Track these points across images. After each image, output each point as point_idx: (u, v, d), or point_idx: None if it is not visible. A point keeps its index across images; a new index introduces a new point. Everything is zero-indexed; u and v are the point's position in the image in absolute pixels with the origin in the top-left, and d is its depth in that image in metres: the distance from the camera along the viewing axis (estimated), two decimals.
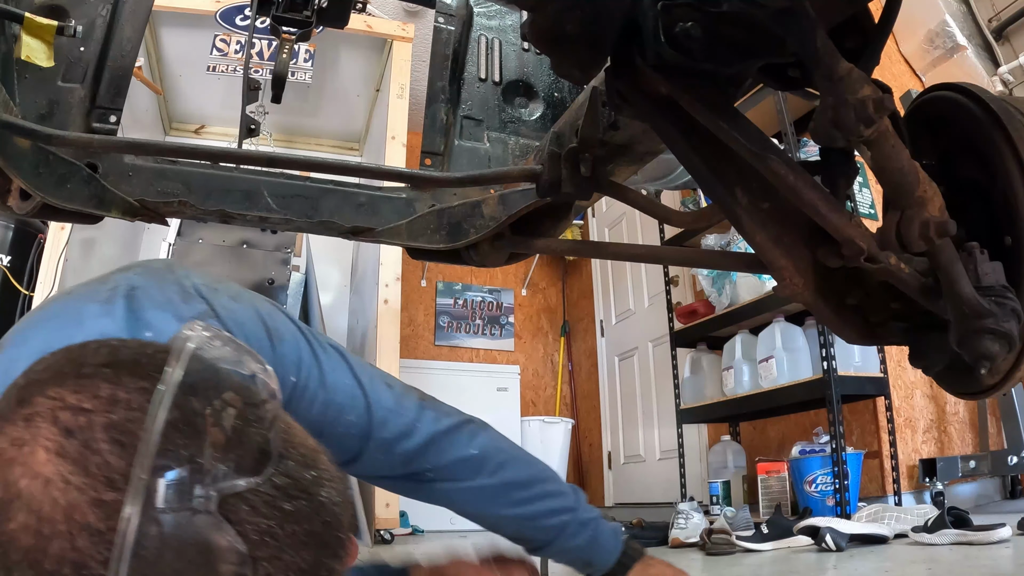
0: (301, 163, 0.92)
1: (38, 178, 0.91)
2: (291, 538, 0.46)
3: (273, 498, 0.46)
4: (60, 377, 0.46)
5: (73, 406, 0.45)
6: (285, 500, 0.46)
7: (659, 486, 4.34)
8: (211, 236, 2.72)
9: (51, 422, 0.44)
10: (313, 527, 0.48)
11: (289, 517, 0.46)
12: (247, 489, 0.45)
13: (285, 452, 0.48)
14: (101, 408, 0.44)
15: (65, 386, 0.46)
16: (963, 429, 3.26)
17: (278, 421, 0.49)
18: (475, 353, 5.47)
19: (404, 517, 3.77)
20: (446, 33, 1.21)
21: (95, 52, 0.96)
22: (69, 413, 0.44)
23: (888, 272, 0.69)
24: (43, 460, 0.43)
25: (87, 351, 0.49)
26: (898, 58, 3.66)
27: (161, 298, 0.69)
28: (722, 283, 3.41)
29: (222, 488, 0.44)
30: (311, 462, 0.50)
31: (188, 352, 0.47)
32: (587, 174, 0.93)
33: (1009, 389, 0.90)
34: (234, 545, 0.44)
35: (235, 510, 0.44)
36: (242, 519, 0.44)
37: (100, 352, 0.48)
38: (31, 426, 0.44)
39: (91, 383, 0.46)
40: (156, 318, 0.66)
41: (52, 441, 0.43)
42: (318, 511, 0.48)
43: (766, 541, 2.30)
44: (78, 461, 0.43)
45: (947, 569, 1.63)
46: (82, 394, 0.45)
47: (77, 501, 0.42)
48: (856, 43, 0.71)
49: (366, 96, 4.24)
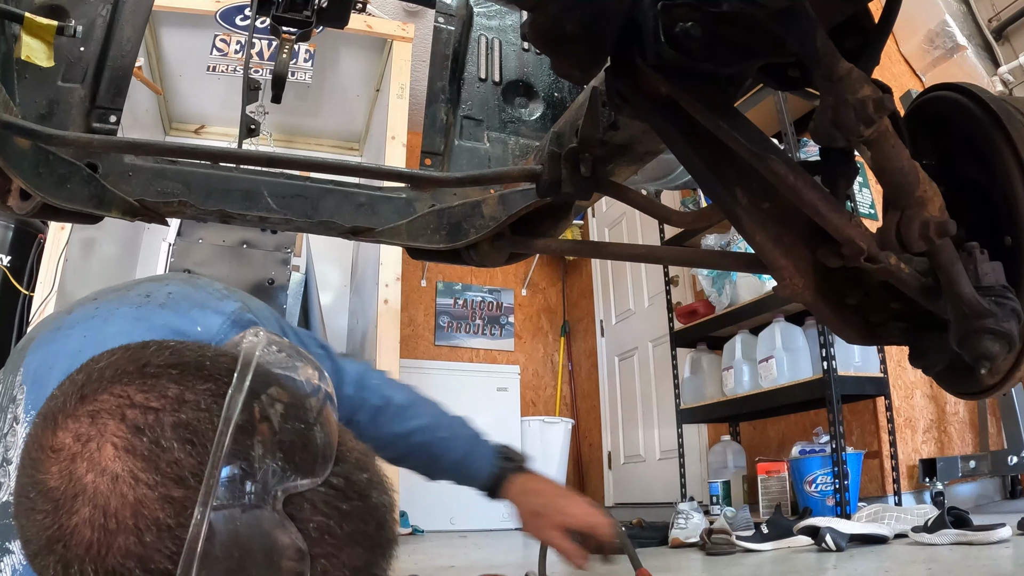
0: (301, 163, 0.92)
1: (38, 178, 0.91)
2: (347, 537, 0.48)
3: (332, 498, 0.48)
4: (124, 375, 0.47)
5: (141, 404, 0.45)
6: (342, 500, 0.49)
7: (659, 486, 4.34)
8: (211, 236, 2.72)
9: (119, 419, 0.45)
10: (367, 528, 0.50)
11: (346, 517, 0.49)
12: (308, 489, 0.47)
13: (342, 455, 0.50)
14: (169, 407, 0.45)
15: (131, 384, 0.46)
16: (963, 429, 3.26)
17: (335, 424, 0.51)
18: (475, 353, 5.47)
19: (404, 517, 3.77)
20: (446, 33, 1.21)
21: (95, 52, 0.96)
22: (138, 411, 0.45)
23: (888, 272, 0.69)
24: (111, 456, 0.44)
25: (148, 351, 0.49)
26: (898, 58, 3.66)
27: (200, 298, 0.74)
28: (722, 283, 3.41)
29: (287, 488, 0.46)
30: (365, 465, 0.52)
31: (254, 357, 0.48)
32: (587, 174, 0.93)
33: (1009, 389, 0.90)
34: (295, 542, 0.46)
35: (297, 508, 0.46)
36: (304, 517, 0.46)
37: (163, 353, 0.49)
38: (97, 422, 0.45)
39: (158, 383, 0.47)
40: (200, 316, 0.71)
41: (120, 438, 0.44)
42: (372, 512, 0.51)
43: (766, 541, 2.30)
44: (148, 458, 0.44)
45: (947, 569, 1.63)
46: (150, 393, 0.46)
47: (146, 497, 0.43)
48: (856, 43, 0.71)
49: (366, 96, 4.24)
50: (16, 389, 0.67)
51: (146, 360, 0.48)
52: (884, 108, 0.58)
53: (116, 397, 0.46)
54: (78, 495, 0.43)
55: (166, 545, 0.43)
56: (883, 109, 0.58)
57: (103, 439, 0.44)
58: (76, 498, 0.43)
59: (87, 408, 0.46)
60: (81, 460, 0.44)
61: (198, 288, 0.77)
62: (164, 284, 0.77)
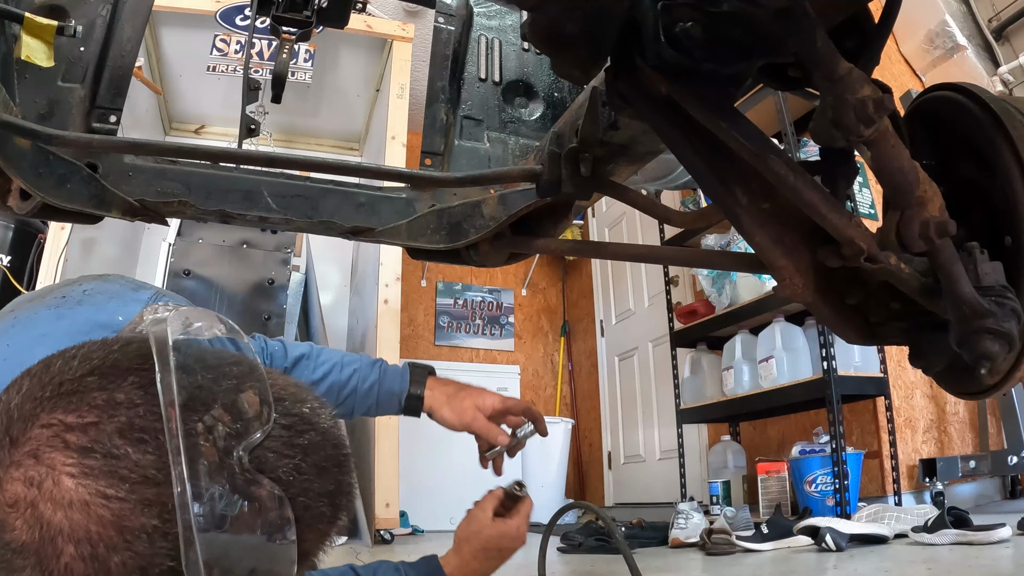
0: (301, 163, 0.92)
1: (38, 178, 0.90)
2: (314, 468, 0.50)
3: (288, 438, 0.49)
4: (44, 402, 0.45)
5: (76, 424, 0.44)
6: (297, 436, 0.50)
7: (659, 486, 4.34)
8: (211, 236, 2.72)
9: (62, 448, 0.43)
10: (327, 451, 0.51)
11: (306, 450, 0.50)
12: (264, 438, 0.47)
13: (278, 395, 0.50)
14: (106, 416, 0.44)
15: (56, 409, 0.45)
16: (963, 429, 3.26)
17: (259, 368, 0.51)
18: (475, 353, 5.47)
19: (404, 517, 3.77)
20: (446, 33, 1.21)
21: (95, 52, 0.96)
22: (76, 433, 0.44)
23: (888, 272, 0.69)
24: (72, 486, 0.43)
25: (54, 369, 0.47)
26: (898, 58, 3.66)
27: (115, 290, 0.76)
28: (722, 283, 3.41)
29: (247, 444, 0.46)
30: (300, 397, 0.53)
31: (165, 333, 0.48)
32: (587, 174, 0.93)
33: (1009, 389, 0.90)
34: (273, 491, 0.46)
35: (263, 460, 0.47)
36: (272, 466, 0.47)
37: (70, 365, 0.47)
38: (42, 460, 0.43)
39: (83, 397, 0.45)
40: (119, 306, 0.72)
41: (72, 465, 0.43)
42: (325, 436, 0.52)
43: (766, 541, 2.30)
44: (108, 472, 0.43)
45: (947, 569, 1.63)
46: (79, 410, 0.44)
47: (123, 509, 0.42)
48: (856, 43, 0.71)
49: (366, 96, 4.24)
50: None
51: (59, 379, 0.46)
52: (884, 108, 0.58)
53: (48, 428, 0.44)
54: (55, 537, 0.42)
55: (160, 546, 0.43)
56: (883, 109, 0.58)
57: (55, 473, 0.43)
58: (54, 540, 0.42)
59: (23, 450, 0.44)
60: (43, 503, 0.42)
61: (111, 282, 0.79)
62: (78, 284, 0.77)
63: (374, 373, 1.12)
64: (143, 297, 0.76)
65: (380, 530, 3.05)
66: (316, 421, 0.52)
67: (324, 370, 1.09)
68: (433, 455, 3.98)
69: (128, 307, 0.73)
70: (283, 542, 0.46)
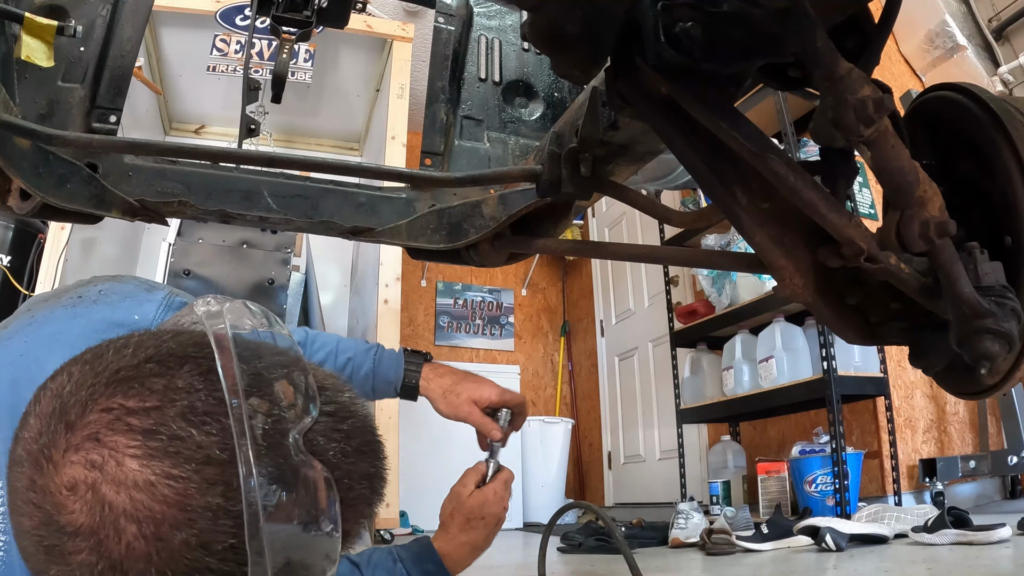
0: (301, 163, 0.92)
1: (38, 178, 0.90)
2: (356, 452, 0.52)
3: (333, 423, 0.52)
4: (101, 388, 0.46)
5: (138, 409, 0.45)
6: (341, 422, 0.52)
7: (659, 486, 4.34)
8: (211, 236, 2.72)
9: (124, 431, 0.44)
10: (366, 437, 0.54)
11: (349, 435, 0.52)
12: (313, 423, 0.50)
13: (321, 384, 0.53)
14: (167, 400, 0.45)
15: (115, 395, 0.46)
16: (963, 429, 3.26)
17: (303, 359, 0.53)
18: (475, 353, 5.47)
19: (404, 517, 3.77)
20: (446, 33, 1.21)
21: (95, 52, 0.96)
22: (138, 416, 0.45)
23: (888, 272, 0.69)
24: (137, 468, 0.43)
25: (107, 358, 0.48)
26: (898, 58, 3.66)
27: (128, 290, 0.78)
28: (722, 283, 3.41)
29: (301, 428, 0.48)
30: (339, 386, 0.56)
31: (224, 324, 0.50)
32: (587, 174, 0.93)
33: (1009, 389, 0.90)
34: (323, 473, 0.48)
35: (312, 443, 0.49)
36: (322, 448, 0.50)
37: (123, 354, 0.49)
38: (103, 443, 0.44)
39: (141, 382, 0.46)
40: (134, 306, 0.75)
41: (137, 447, 0.44)
42: (364, 422, 0.55)
43: (766, 541, 2.30)
44: (173, 454, 0.44)
45: (947, 569, 1.63)
46: (140, 395, 0.46)
47: (188, 489, 0.43)
48: (856, 43, 0.71)
49: (366, 96, 4.24)
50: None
51: (114, 366, 0.47)
52: (884, 108, 0.58)
53: (108, 412, 0.45)
54: (117, 518, 0.43)
55: (223, 523, 0.44)
56: (883, 109, 0.58)
57: (119, 455, 0.44)
58: (116, 521, 0.43)
59: (83, 434, 0.44)
60: (106, 484, 0.43)
61: (125, 283, 0.80)
62: (93, 284, 0.79)
63: (369, 361, 1.13)
64: (157, 297, 0.78)
65: (380, 530, 3.05)
66: (355, 409, 0.55)
67: (319, 358, 1.10)
68: (433, 455, 3.98)
69: (143, 307, 0.75)
70: (331, 521, 0.48)
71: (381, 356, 1.14)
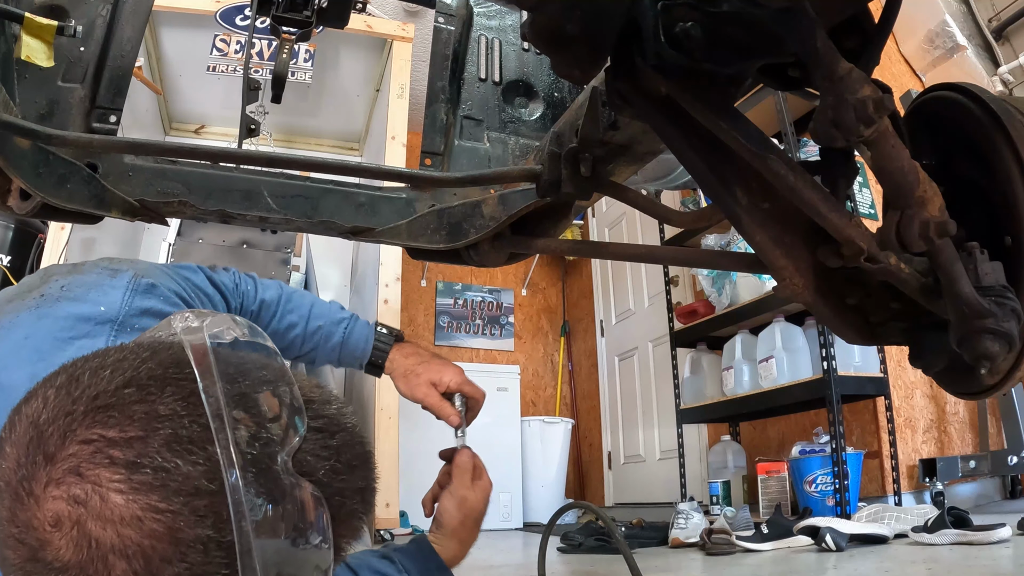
0: (301, 163, 0.92)
1: (38, 178, 0.91)
2: (347, 467, 0.51)
3: (322, 440, 0.50)
4: (79, 417, 0.44)
5: (119, 440, 0.43)
6: (330, 437, 0.51)
7: (659, 486, 4.34)
8: (211, 236, 2.72)
9: (107, 464, 0.42)
10: (356, 450, 0.53)
11: (339, 451, 0.51)
12: (302, 442, 0.48)
13: (308, 398, 0.51)
14: (149, 429, 0.43)
15: (95, 425, 0.43)
16: (963, 429, 3.26)
17: (288, 374, 0.52)
18: (475, 353, 5.47)
19: (404, 517, 3.77)
20: (446, 33, 1.21)
21: (95, 52, 0.96)
22: (120, 448, 0.43)
23: (888, 272, 0.69)
24: (122, 503, 0.42)
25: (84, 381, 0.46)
26: (898, 58, 3.66)
27: (92, 280, 0.76)
28: (722, 283, 3.41)
29: (290, 450, 0.47)
30: (326, 398, 0.54)
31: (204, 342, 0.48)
32: (587, 174, 0.92)
33: (1009, 389, 0.90)
34: (315, 493, 0.47)
35: (302, 464, 0.48)
36: (312, 468, 0.49)
37: (101, 376, 0.46)
38: (85, 478, 0.42)
39: (121, 410, 0.44)
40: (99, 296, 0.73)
41: (121, 481, 0.42)
42: (353, 435, 0.53)
43: (766, 541, 2.30)
44: (159, 487, 0.42)
45: (947, 569, 1.63)
46: (121, 424, 0.43)
47: (177, 522, 0.42)
48: (856, 43, 0.71)
49: (366, 96, 4.24)
50: None
51: (92, 391, 0.45)
52: (884, 108, 0.58)
53: (88, 444, 0.43)
54: (106, 554, 0.41)
55: (215, 555, 0.43)
56: (883, 109, 0.58)
57: (103, 490, 0.42)
58: (105, 558, 0.41)
59: (63, 468, 0.42)
60: (91, 521, 0.41)
61: (87, 272, 0.79)
62: (53, 280, 0.77)
63: (339, 333, 1.11)
64: (122, 282, 0.77)
65: (380, 530, 3.05)
66: (344, 421, 0.53)
67: (290, 320, 1.08)
68: (433, 455, 3.97)
69: (108, 295, 0.74)
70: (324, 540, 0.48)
71: (352, 329, 1.13)
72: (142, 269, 0.82)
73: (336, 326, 1.12)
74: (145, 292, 0.78)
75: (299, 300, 1.11)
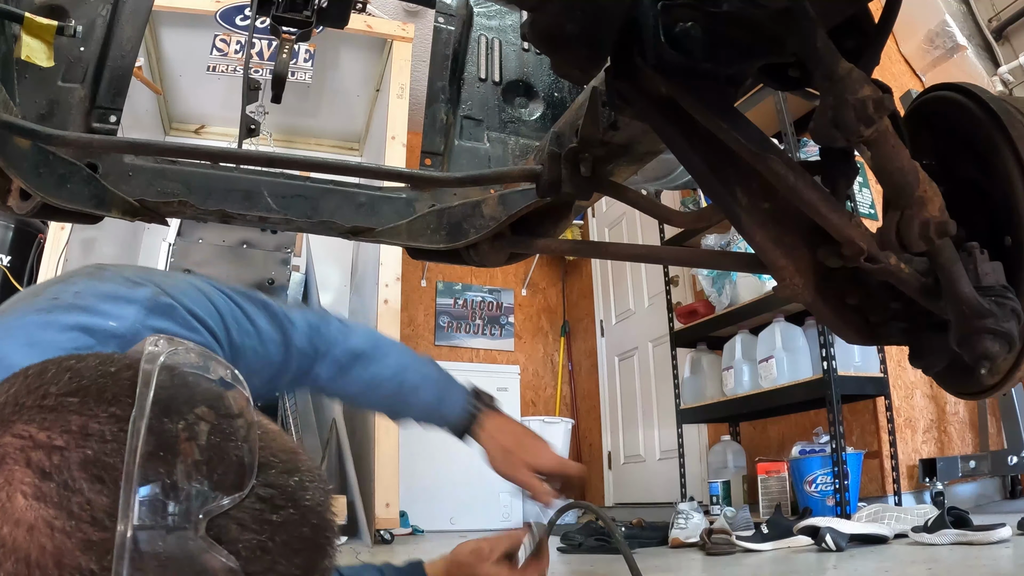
0: (301, 163, 0.92)
1: (38, 178, 0.91)
2: (283, 547, 0.46)
3: (260, 511, 0.45)
4: (24, 411, 0.44)
5: (45, 444, 0.42)
6: (272, 512, 0.46)
7: (659, 486, 4.34)
8: (211, 236, 2.72)
9: (24, 464, 0.42)
10: (302, 533, 0.47)
11: (278, 528, 0.46)
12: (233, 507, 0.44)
13: (265, 461, 0.47)
14: (74, 443, 0.42)
15: (32, 422, 0.43)
16: (963, 429, 3.26)
17: (254, 429, 0.47)
18: (475, 353, 5.47)
19: (404, 517, 3.77)
20: (446, 33, 1.21)
21: (95, 52, 0.96)
22: (42, 452, 0.42)
23: (888, 272, 0.69)
24: (23, 506, 0.41)
25: (46, 378, 0.45)
26: (898, 58, 3.66)
27: (108, 289, 0.72)
28: (722, 283, 3.41)
29: (209, 510, 0.43)
30: (292, 467, 0.49)
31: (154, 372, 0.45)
32: (587, 174, 0.93)
33: (1009, 389, 0.90)
34: (227, 564, 0.43)
35: (225, 529, 0.44)
36: (233, 538, 0.44)
37: (61, 377, 0.45)
38: (3, 470, 0.42)
39: (59, 416, 0.43)
40: (112, 308, 0.69)
41: (29, 485, 0.42)
42: (305, 516, 0.48)
43: (766, 541, 2.30)
44: (59, 504, 0.41)
45: (947, 569, 1.63)
46: (52, 430, 0.43)
47: (64, 545, 0.41)
48: (856, 43, 0.71)
49: (366, 96, 4.24)
50: None
51: (44, 390, 0.44)
52: (884, 108, 0.58)
53: (19, 438, 0.43)
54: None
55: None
56: (883, 109, 0.58)
57: (12, 488, 0.41)
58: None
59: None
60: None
61: (105, 280, 0.74)
62: (71, 284, 0.73)
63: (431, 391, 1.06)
64: (139, 297, 0.72)
65: (380, 530, 3.05)
66: (299, 497, 0.48)
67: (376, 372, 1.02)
68: (433, 455, 3.98)
69: (122, 310, 0.70)
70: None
71: (447, 390, 1.08)
72: (169, 286, 0.76)
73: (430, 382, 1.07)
74: (162, 312, 0.73)
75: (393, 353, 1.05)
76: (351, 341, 1.00)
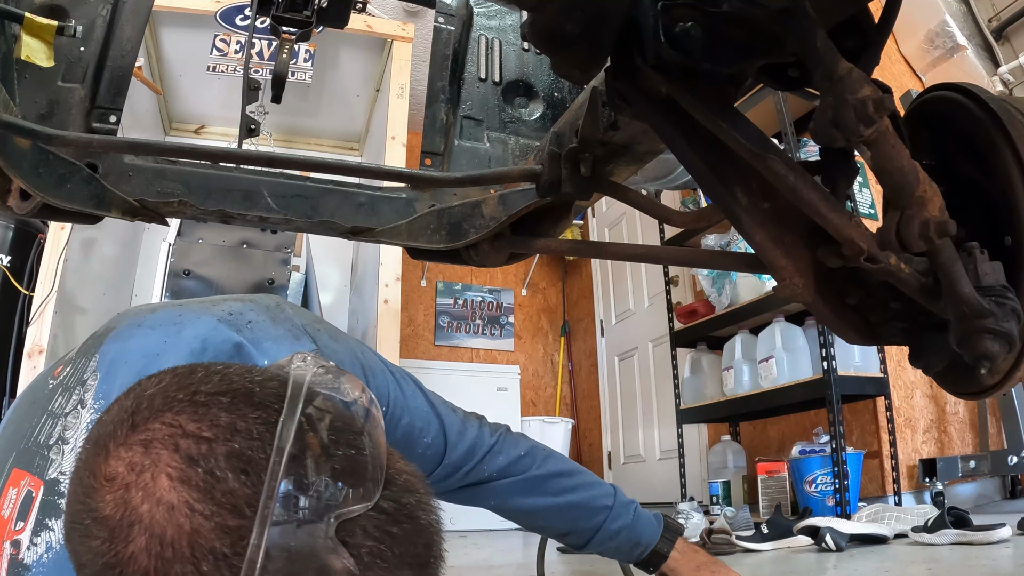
0: (301, 163, 0.92)
1: (38, 178, 0.91)
2: (398, 559, 0.49)
3: (383, 522, 0.49)
4: (174, 403, 0.47)
5: (194, 434, 0.46)
6: (393, 524, 0.49)
7: (659, 486, 4.34)
8: (211, 236, 2.72)
9: (172, 449, 0.45)
10: (416, 549, 0.51)
11: (397, 540, 0.49)
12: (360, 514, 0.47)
13: (391, 478, 0.51)
14: (222, 437, 0.46)
15: (183, 413, 0.47)
16: (963, 429, 3.26)
17: (384, 448, 0.51)
18: (475, 353, 5.47)
19: None
20: (446, 33, 1.21)
21: (95, 52, 0.96)
22: (191, 441, 0.45)
23: (888, 272, 0.69)
24: (167, 486, 0.44)
25: (196, 377, 0.50)
26: (898, 58, 3.66)
27: (276, 332, 0.76)
28: (722, 283, 3.41)
29: (339, 514, 0.46)
30: (412, 487, 0.53)
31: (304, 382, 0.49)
32: (587, 174, 0.93)
33: (1009, 389, 0.90)
34: (348, 567, 0.46)
35: (350, 533, 0.47)
36: (356, 542, 0.47)
37: (211, 379, 0.49)
38: (150, 452, 0.45)
39: (209, 411, 0.47)
40: (273, 349, 0.74)
41: (175, 468, 0.45)
42: (420, 533, 0.51)
43: (766, 541, 2.30)
44: (203, 489, 0.44)
45: (947, 569, 1.63)
46: (201, 422, 0.46)
47: (202, 527, 0.44)
48: (856, 43, 0.71)
49: (366, 96, 4.24)
50: (88, 374, 0.69)
51: (195, 387, 0.48)
52: (884, 108, 0.58)
53: (168, 426, 0.46)
54: (134, 524, 0.44)
55: (222, 574, 0.44)
56: (883, 109, 0.58)
57: (157, 469, 0.45)
58: (132, 527, 0.44)
59: (139, 437, 0.46)
60: (136, 489, 0.44)
61: (278, 323, 0.78)
62: (250, 310, 0.78)
63: (625, 516, 1.08)
64: (299, 349, 0.76)
65: None
66: (417, 515, 0.51)
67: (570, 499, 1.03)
68: None
69: (278, 354, 0.73)
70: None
71: (639, 513, 1.10)
72: (331, 350, 0.80)
73: (624, 508, 1.08)
74: None
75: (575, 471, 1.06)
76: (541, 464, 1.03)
